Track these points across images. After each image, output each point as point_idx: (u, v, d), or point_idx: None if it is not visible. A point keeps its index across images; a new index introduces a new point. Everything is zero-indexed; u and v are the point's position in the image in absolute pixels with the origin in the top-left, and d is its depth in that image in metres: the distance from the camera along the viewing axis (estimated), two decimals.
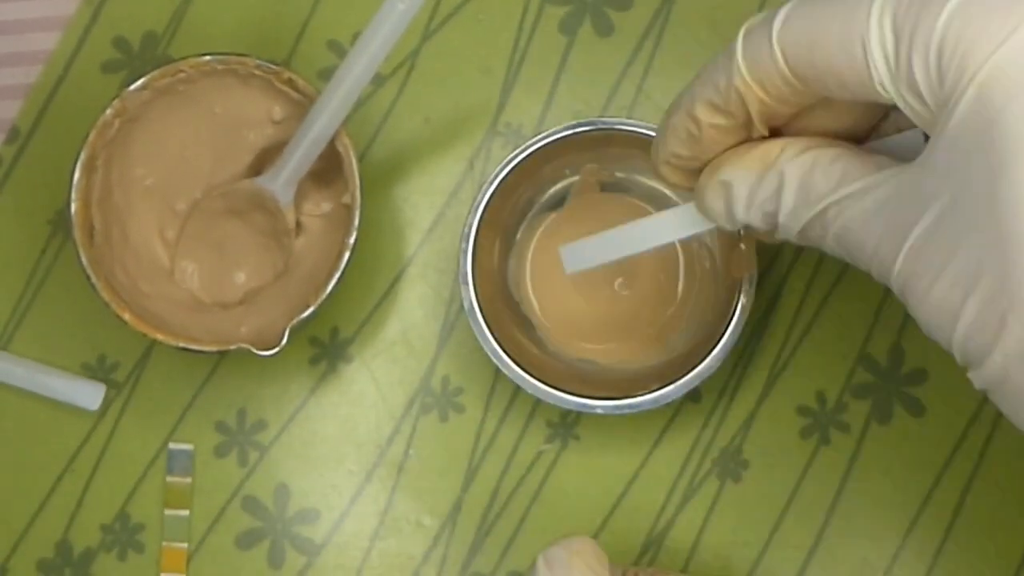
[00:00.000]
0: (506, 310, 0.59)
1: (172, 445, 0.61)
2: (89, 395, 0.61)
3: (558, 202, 0.61)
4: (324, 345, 0.62)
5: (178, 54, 0.63)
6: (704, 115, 0.43)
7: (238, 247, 0.61)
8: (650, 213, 0.60)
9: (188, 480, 0.61)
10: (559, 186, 0.61)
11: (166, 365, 0.62)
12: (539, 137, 0.57)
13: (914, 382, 0.60)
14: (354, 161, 0.57)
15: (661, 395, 0.56)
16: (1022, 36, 0.34)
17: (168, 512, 0.61)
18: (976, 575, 0.59)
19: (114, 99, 0.57)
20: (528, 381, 0.56)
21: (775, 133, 0.44)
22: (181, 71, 0.58)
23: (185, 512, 0.61)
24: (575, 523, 0.60)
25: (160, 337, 0.56)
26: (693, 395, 0.59)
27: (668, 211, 0.49)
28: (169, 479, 0.61)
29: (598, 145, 0.58)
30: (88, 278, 0.56)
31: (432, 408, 0.61)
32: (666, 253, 0.60)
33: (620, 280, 0.60)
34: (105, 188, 0.58)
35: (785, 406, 0.60)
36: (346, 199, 0.57)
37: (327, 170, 0.58)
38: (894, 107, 0.38)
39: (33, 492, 0.62)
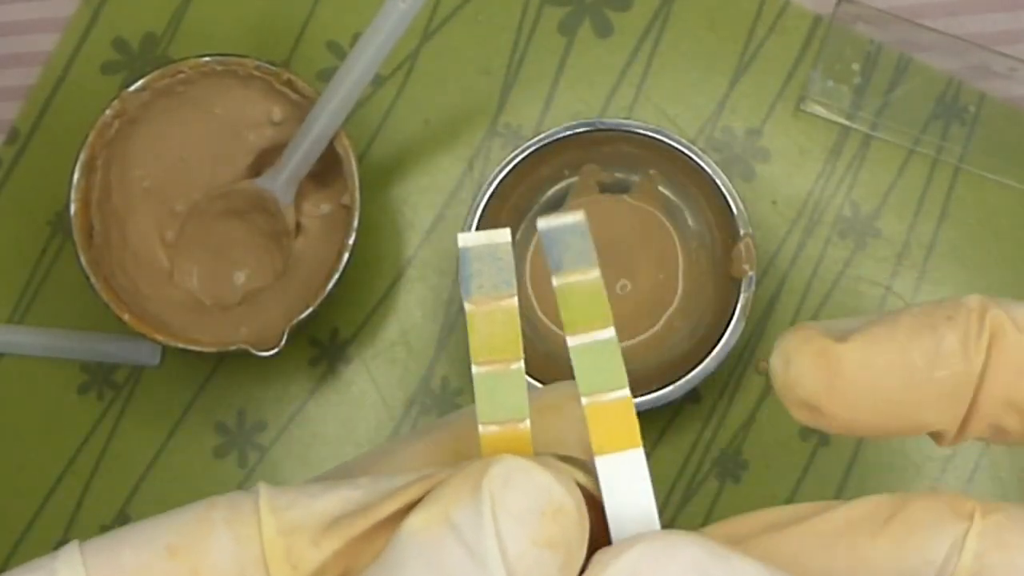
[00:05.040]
0: None
1: None
2: (147, 352, 0.62)
3: (557, 203, 0.61)
4: (324, 346, 0.62)
5: (177, 55, 0.63)
6: None
7: (238, 248, 0.61)
8: (651, 214, 0.60)
9: None
10: (558, 187, 0.61)
11: (166, 366, 0.62)
12: (538, 138, 0.57)
13: None
14: (353, 162, 0.57)
15: (661, 395, 0.56)
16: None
17: None
18: None
19: (113, 100, 0.57)
20: (528, 382, 0.56)
21: None
22: (180, 72, 0.58)
23: None
24: None
25: (160, 338, 0.56)
26: (693, 395, 0.59)
27: None
28: None
29: (597, 146, 0.58)
30: (88, 279, 0.56)
31: (432, 409, 0.61)
32: (666, 253, 0.60)
33: (621, 281, 0.60)
34: (104, 189, 0.58)
35: (785, 406, 0.60)
36: (345, 200, 0.57)
37: (327, 171, 0.58)
38: None
39: (33, 492, 0.62)
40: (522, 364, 0.27)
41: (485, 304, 0.27)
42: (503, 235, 0.27)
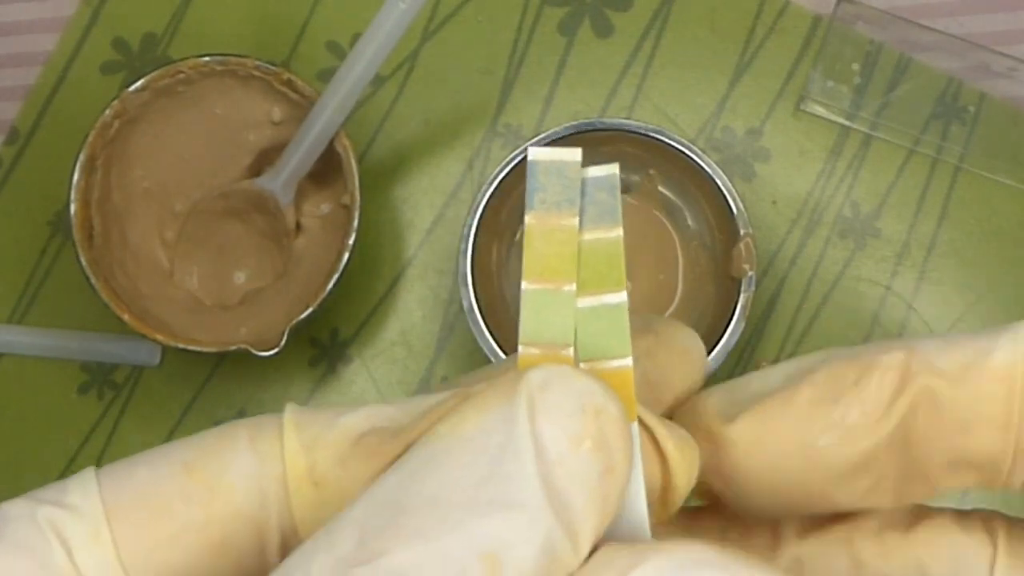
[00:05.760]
0: (505, 311, 0.59)
1: None
2: (147, 352, 0.62)
3: None
4: (324, 346, 0.62)
5: (177, 55, 0.63)
6: None
7: (238, 248, 0.61)
8: (651, 214, 0.60)
9: None
10: None
11: (166, 366, 0.62)
12: (538, 138, 0.57)
13: None
14: (353, 162, 0.57)
15: None
16: None
17: None
18: None
19: (113, 100, 0.57)
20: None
21: None
22: (180, 72, 0.58)
23: None
24: None
25: (160, 338, 0.56)
26: None
27: None
28: None
29: (597, 146, 0.58)
30: (88, 279, 0.56)
31: None
32: (666, 253, 0.60)
33: None
34: (104, 189, 0.58)
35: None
36: (345, 200, 0.57)
37: (327, 171, 0.58)
38: None
39: None
40: (574, 288, 0.26)
41: (545, 220, 0.26)
42: (574, 154, 0.26)
